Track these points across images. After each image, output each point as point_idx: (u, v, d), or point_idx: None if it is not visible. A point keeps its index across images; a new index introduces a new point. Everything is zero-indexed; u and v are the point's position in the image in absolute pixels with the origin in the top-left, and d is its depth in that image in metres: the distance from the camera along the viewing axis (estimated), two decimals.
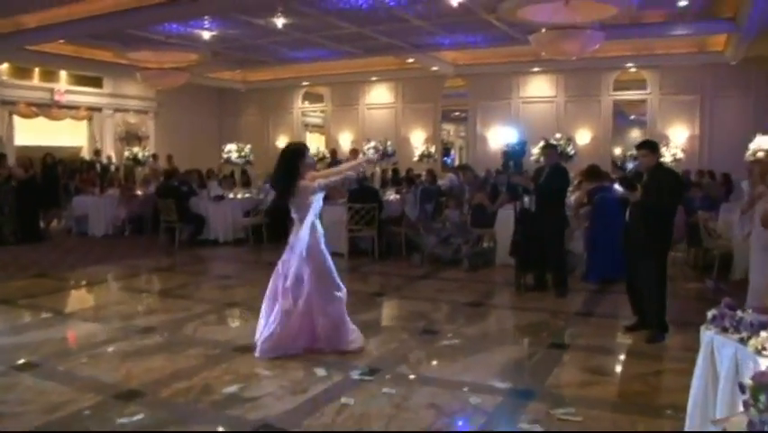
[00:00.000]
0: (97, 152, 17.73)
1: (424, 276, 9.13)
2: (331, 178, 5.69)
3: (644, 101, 16.80)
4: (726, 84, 15.25)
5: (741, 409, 2.79)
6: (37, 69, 16.86)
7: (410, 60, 16.01)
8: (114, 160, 17.72)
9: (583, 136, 16.11)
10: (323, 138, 20.77)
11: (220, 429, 4.08)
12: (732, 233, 8.09)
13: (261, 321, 5.60)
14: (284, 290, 5.42)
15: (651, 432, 4.05)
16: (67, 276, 9.30)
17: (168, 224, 11.78)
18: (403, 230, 10.62)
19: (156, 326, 6.39)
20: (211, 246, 11.79)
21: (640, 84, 16.48)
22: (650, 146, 6.02)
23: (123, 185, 13.56)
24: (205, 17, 11.85)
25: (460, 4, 10.81)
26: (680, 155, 14.49)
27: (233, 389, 4.67)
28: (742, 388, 2.19)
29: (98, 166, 16.87)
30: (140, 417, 4.18)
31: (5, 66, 16.17)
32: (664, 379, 5.03)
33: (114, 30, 12.34)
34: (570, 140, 13.82)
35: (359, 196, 10.57)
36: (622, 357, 5.62)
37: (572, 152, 12.89)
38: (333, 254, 10.43)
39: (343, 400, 4.46)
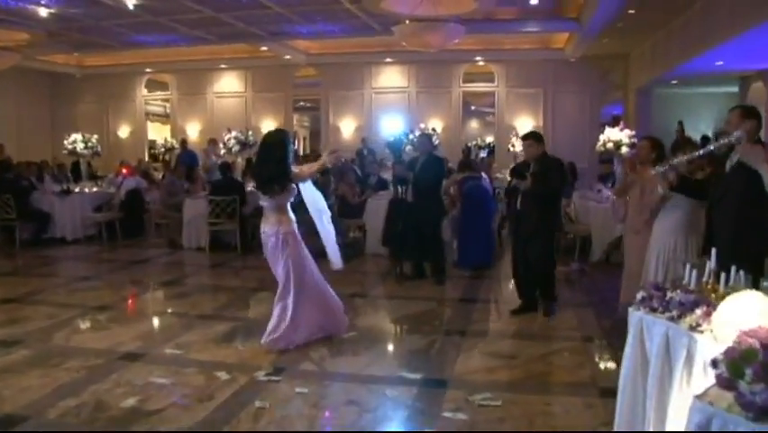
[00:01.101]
0: None
1: None
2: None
3: (491, 93, 17.55)
4: (566, 79, 16.28)
5: (676, 386, 2.96)
6: None
7: (263, 48, 15.59)
8: None
9: (435, 126, 16.50)
10: (168, 128, 19.76)
11: None
12: (610, 216, 8.51)
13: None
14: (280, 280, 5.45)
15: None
16: None
17: (5, 222, 10.60)
18: None
19: (18, 338, 5.66)
20: (58, 246, 10.76)
21: (488, 76, 17.17)
22: (534, 137, 6.30)
23: None
24: None
25: None
26: None
27: (131, 402, 4.25)
28: (715, 364, 2.27)
29: None
30: None
31: None
32: (560, 358, 5.24)
33: None
34: (435, 130, 14.13)
35: (221, 188, 10.14)
36: (517, 340, 5.76)
37: (437, 142, 13.16)
38: (197, 249, 10.17)
39: (258, 403, 4.22)
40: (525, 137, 6.29)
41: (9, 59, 13.28)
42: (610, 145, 9.86)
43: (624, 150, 9.76)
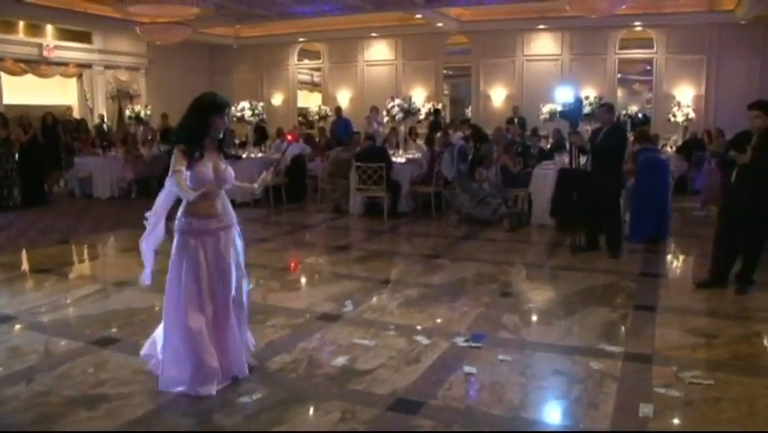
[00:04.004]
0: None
1: (465, 237, 8.95)
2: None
3: (642, 61, 16.75)
4: (734, 43, 15.19)
5: None
6: (21, 23, 15.93)
7: (417, 16, 15.60)
8: (105, 119, 17.01)
9: (589, 95, 15.92)
10: (314, 96, 20.35)
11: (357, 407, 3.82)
12: None
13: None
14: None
15: None
16: (92, 242, 8.93)
17: None
18: (432, 189, 10.42)
19: None
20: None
21: (645, 43, 16.35)
22: (764, 107, 5.79)
23: (130, 145, 13.01)
24: None
25: None
26: (692, 115, 14.47)
27: (341, 361, 4.46)
28: None
29: (91, 125, 16.26)
30: (259, 395, 3.94)
31: None
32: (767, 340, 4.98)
33: None
34: (588, 98, 13.63)
35: (365, 156, 10.30)
36: (713, 319, 5.48)
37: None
38: (362, 215, 10.38)
39: (466, 369, 4.31)
40: (753, 107, 5.82)
41: (182, 32, 14.05)
42: None
43: None
